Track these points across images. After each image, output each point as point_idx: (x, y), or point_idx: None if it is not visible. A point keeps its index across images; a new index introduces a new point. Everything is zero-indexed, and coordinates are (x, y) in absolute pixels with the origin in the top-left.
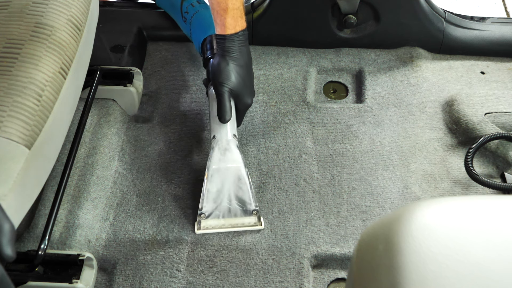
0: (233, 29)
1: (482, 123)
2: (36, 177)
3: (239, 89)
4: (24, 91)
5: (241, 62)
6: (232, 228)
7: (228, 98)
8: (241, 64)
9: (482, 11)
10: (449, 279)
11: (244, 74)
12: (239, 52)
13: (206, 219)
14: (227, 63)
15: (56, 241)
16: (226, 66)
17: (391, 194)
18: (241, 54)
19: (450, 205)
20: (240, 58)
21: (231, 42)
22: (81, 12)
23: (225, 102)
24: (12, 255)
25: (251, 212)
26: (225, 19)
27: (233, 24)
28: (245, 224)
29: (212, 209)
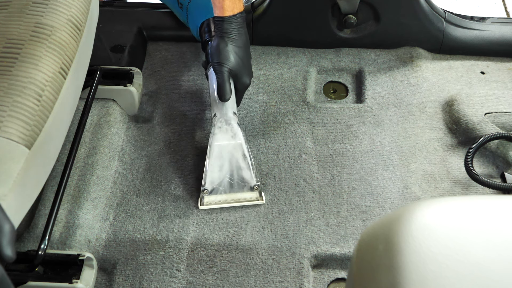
0: (231, 11)
1: (482, 123)
2: (36, 177)
3: (238, 69)
4: (24, 91)
5: (240, 43)
6: (234, 203)
7: (227, 78)
8: (240, 45)
9: (482, 11)
10: (449, 279)
11: (243, 55)
12: (237, 33)
13: (209, 195)
14: (225, 44)
15: (56, 241)
16: (225, 47)
17: (391, 194)
18: (239, 35)
19: (450, 205)
20: (239, 39)
21: (229, 24)
22: (81, 12)
23: (225, 82)
24: (12, 255)
25: (252, 188)
26: (224, 1)
27: (231, 6)
28: (246, 199)
29: (214, 185)
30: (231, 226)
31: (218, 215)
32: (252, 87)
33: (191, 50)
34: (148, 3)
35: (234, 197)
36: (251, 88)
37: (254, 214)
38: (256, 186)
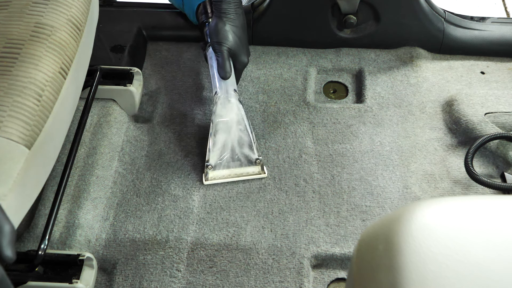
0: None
1: (482, 123)
2: (36, 177)
3: (237, 48)
4: (24, 91)
5: (237, 23)
6: (237, 178)
7: (227, 56)
8: (237, 25)
9: (482, 11)
10: (449, 279)
11: (240, 34)
12: (235, 13)
13: (213, 170)
14: (224, 24)
15: (56, 241)
16: (224, 26)
17: (391, 194)
18: (237, 15)
19: (450, 205)
20: (236, 19)
21: (227, 4)
22: (81, 12)
23: (225, 60)
24: (12, 256)
25: (254, 162)
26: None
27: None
28: (249, 173)
29: (218, 160)
30: (231, 226)
31: (218, 215)
32: (252, 87)
33: (191, 50)
34: (148, 3)
35: (237, 172)
36: (251, 88)
37: (254, 214)
38: (257, 160)
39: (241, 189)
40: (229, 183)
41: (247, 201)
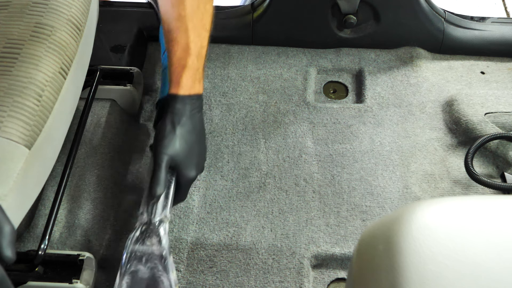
0: (188, 91)
1: (482, 123)
2: (36, 177)
3: (182, 159)
4: (24, 91)
5: (190, 128)
6: None
7: (164, 168)
8: (189, 131)
9: (482, 11)
10: (449, 279)
11: (192, 143)
12: (189, 117)
13: None
14: (172, 127)
15: (56, 241)
16: (171, 131)
17: (391, 194)
18: (191, 120)
19: (450, 205)
20: (189, 124)
21: (182, 104)
22: (81, 12)
23: (160, 173)
24: (12, 257)
25: None
26: (181, 77)
27: (189, 85)
28: None
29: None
30: (231, 226)
31: (218, 215)
32: (252, 87)
33: None
34: (148, 3)
35: None
36: (251, 88)
37: (254, 213)
38: None
39: (241, 189)
40: (229, 183)
41: (247, 201)
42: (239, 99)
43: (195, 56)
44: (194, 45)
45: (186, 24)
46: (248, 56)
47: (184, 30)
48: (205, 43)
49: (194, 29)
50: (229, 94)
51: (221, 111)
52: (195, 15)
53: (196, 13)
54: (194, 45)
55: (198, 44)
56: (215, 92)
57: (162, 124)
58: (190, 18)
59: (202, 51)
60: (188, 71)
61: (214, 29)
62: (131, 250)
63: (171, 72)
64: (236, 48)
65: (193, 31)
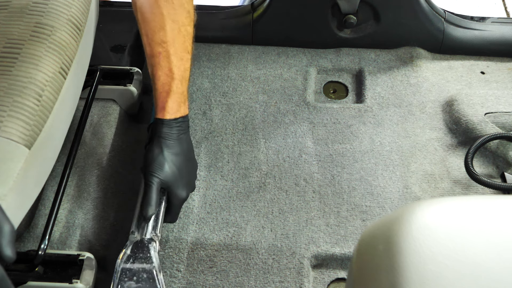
0: (173, 115)
1: (482, 123)
2: (36, 177)
3: (172, 180)
4: (24, 91)
5: (178, 150)
6: None
7: (155, 190)
8: (177, 153)
9: (482, 11)
10: (449, 279)
11: (180, 164)
12: (176, 139)
13: None
14: (161, 150)
15: (56, 241)
16: (160, 153)
17: (391, 194)
18: (179, 142)
19: (450, 205)
20: (177, 146)
21: (168, 128)
22: (81, 12)
23: (151, 194)
24: (12, 256)
25: None
26: (167, 102)
27: (174, 108)
28: None
29: None
30: (231, 226)
31: (218, 215)
32: (252, 87)
33: None
34: None
35: None
36: (251, 88)
37: (254, 213)
38: None
39: (241, 189)
40: (229, 183)
41: (247, 201)
42: (239, 99)
43: (178, 80)
44: (177, 70)
45: (168, 50)
46: (248, 56)
47: (167, 56)
48: (188, 65)
49: (176, 54)
50: (229, 94)
51: (221, 111)
52: (177, 39)
53: (177, 38)
54: (177, 69)
55: (182, 68)
56: (215, 92)
57: (150, 148)
58: (171, 43)
59: (185, 74)
60: (173, 95)
61: (214, 29)
62: (122, 269)
63: (156, 97)
64: (236, 48)
65: (175, 56)
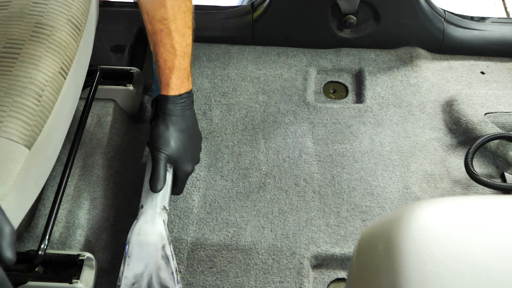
0: (177, 91)
1: (482, 123)
2: (36, 177)
3: (178, 155)
4: (24, 91)
5: (183, 126)
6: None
7: (163, 166)
8: (182, 129)
9: (482, 11)
10: (449, 279)
11: (185, 140)
12: (181, 115)
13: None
14: (166, 126)
15: (56, 241)
16: (166, 130)
17: (391, 194)
18: (183, 117)
19: (450, 205)
20: (182, 122)
21: (173, 104)
22: (81, 12)
23: (159, 170)
24: (12, 258)
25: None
26: (170, 78)
27: (178, 85)
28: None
29: (131, 286)
30: (231, 226)
31: (218, 215)
32: (252, 87)
33: None
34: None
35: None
36: (251, 88)
37: (254, 213)
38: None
39: (241, 189)
40: (229, 183)
41: (247, 201)
42: (239, 99)
43: (181, 56)
44: (179, 46)
45: (169, 27)
46: (248, 56)
47: (168, 33)
48: (189, 41)
49: (178, 30)
50: (229, 94)
51: (221, 111)
52: (177, 15)
53: (178, 14)
54: (179, 46)
55: (183, 44)
56: (215, 92)
57: (156, 124)
58: (172, 20)
59: (187, 50)
60: (176, 72)
61: (214, 29)
62: (134, 241)
63: (159, 73)
64: (236, 48)
65: (176, 32)
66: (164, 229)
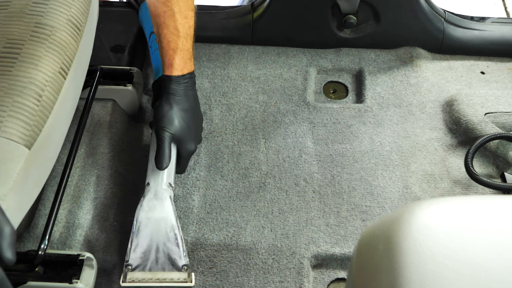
0: (180, 71)
1: (482, 123)
2: (36, 177)
3: (182, 134)
4: (24, 91)
5: (186, 106)
6: (160, 283)
7: (168, 144)
8: (186, 108)
9: (482, 11)
10: (449, 279)
11: (189, 119)
12: (184, 95)
13: (133, 272)
14: (170, 106)
15: (56, 241)
16: (170, 109)
17: (391, 194)
18: (186, 97)
19: (450, 205)
20: (185, 102)
21: (177, 84)
22: (81, 12)
23: (164, 148)
24: (12, 258)
25: (181, 268)
26: (174, 59)
27: (181, 65)
28: (173, 280)
29: (139, 262)
30: (231, 226)
31: (218, 215)
32: (252, 87)
33: None
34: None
35: (160, 276)
36: (251, 88)
37: (254, 213)
38: (185, 266)
39: (241, 189)
40: (229, 183)
41: (247, 201)
42: (239, 99)
43: (184, 37)
44: (182, 27)
45: (172, 9)
46: (248, 56)
47: (171, 14)
48: (191, 23)
49: (181, 12)
50: (229, 94)
51: (221, 111)
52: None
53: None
54: (182, 27)
55: (186, 26)
56: (215, 92)
57: (160, 104)
58: (175, 2)
59: (190, 32)
60: (179, 52)
61: (214, 29)
62: (141, 218)
63: (163, 55)
64: (236, 48)
65: (179, 14)
66: (171, 204)
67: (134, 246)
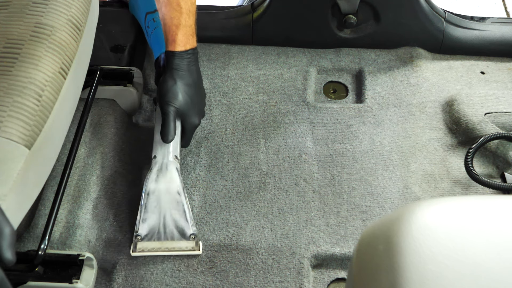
0: (183, 47)
1: (482, 123)
2: (36, 177)
3: (186, 108)
4: (24, 91)
5: (189, 81)
6: (169, 252)
7: (173, 118)
8: (189, 83)
9: (482, 11)
10: (449, 279)
11: (192, 94)
12: (187, 70)
13: (142, 241)
14: (174, 81)
15: (56, 241)
16: (174, 84)
17: (391, 194)
18: (189, 72)
19: (450, 205)
20: (188, 77)
21: (180, 59)
22: (81, 12)
23: (169, 122)
24: (12, 259)
25: (188, 237)
26: (176, 35)
27: (184, 41)
28: (182, 249)
29: (148, 231)
30: (231, 226)
31: (218, 215)
32: (252, 87)
33: None
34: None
35: (168, 246)
36: (251, 88)
37: (254, 213)
38: (193, 235)
39: (241, 189)
40: (229, 183)
41: (247, 201)
42: (239, 99)
43: (186, 14)
44: (184, 4)
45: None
46: (248, 56)
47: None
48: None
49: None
50: (229, 94)
51: (221, 111)
52: None
53: None
54: (185, 3)
55: (188, 2)
56: (215, 92)
57: (164, 79)
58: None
59: (192, 8)
60: (182, 28)
61: (214, 29)
62: (149, 189)
63: (166, 31)
64: (236, 48)
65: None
66: (177, 175)
67: (143, 218)
